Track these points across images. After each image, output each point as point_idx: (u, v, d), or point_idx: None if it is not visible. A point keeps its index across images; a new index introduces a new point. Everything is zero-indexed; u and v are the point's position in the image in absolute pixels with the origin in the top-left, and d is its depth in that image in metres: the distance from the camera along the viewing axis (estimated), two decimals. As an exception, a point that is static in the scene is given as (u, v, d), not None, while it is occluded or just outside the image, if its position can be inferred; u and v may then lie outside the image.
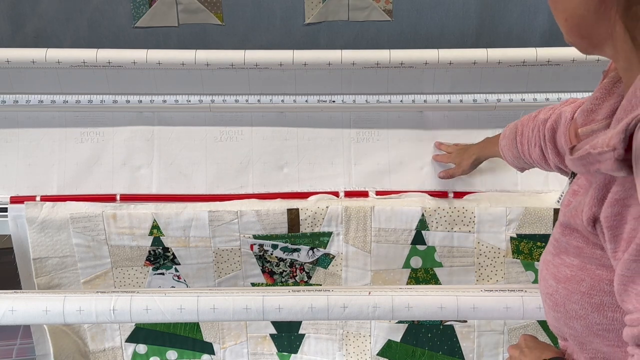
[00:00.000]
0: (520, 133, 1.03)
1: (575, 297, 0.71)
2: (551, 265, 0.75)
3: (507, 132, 1.10)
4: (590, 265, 0.69)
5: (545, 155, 0.95)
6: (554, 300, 0.74)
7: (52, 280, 1.43)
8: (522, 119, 1.04)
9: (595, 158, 0.60)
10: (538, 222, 1.39)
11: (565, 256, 0.73)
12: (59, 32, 1.46)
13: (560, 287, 0.73)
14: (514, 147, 1.05)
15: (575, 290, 0.70)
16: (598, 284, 0.68)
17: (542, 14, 1.47)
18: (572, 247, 0.71)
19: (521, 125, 1.04)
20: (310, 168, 1.47)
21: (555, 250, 0.75)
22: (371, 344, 1.51)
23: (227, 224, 1.39)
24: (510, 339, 1.48)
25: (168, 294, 1.07)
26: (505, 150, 1.10)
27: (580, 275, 0.70)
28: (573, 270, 0.71)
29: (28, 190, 1.44)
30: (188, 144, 1.46)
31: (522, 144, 1.02)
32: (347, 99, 1.42)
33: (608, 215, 0.63)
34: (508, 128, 1.10)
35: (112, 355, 1.53)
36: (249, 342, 1.54)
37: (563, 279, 0.72)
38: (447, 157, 1.42)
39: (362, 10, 1.47)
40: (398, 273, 1.45)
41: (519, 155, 1.05)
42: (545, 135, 0.92)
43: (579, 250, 0.70)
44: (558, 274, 0.73)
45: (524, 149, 1.02)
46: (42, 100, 1.40)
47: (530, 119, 1.00)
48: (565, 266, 0.72)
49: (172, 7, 1.45)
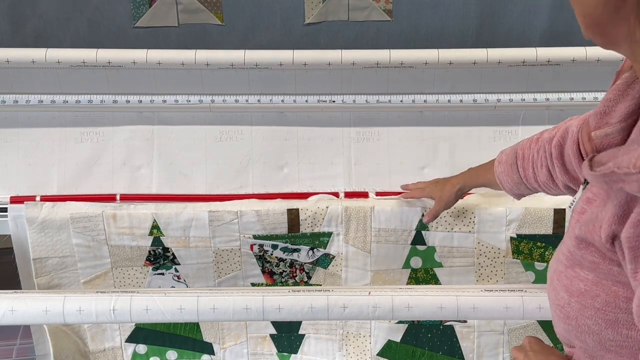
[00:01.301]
0: (522, 157, 0.99)
1: (589, 312, 0.68)
2: (564, 277, 0.73)
3: (503, 158, 1.06)
4: (606, 281, 0.67)
5: (552, 176, 0.92)
6: (565, 313, 0.72)
7: (52, 280, 1.43)
8: (520, 144, 1.01)
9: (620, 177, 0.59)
10: (538, 222, 1.39)
11: (580, 269, 0.70)
12: (59, 32, 1.46)
13: (573, 301, 0.70)
14: (514, 173, 1.02)
15: (589, 305, 0.68)
16: (614, 300, 0.66)
17: (542, 13, 1.47)
18: (587, 262, 0.69)
19: (521, 149, 1.00)
20: (310, 168, 1.47)
21: (569, 262, 0.72)
22: (371, 344, 1.51)
23: (227, 224, 1.39)
24: (510, 339, 1.48)
25: (168, 294, 1.07)
26: (503, 177, 1.06)
27: (595, 290, 0.68)
28: (587, 284, 0.69)
29: (28, 190, 1.44)
30: (188, 144, 1.46)
31: (525, 168, 0.99)
32: (347, 99, 1.42)
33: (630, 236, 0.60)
34: (504, 154, 1.06)
35: (112, 355, 1.53)
36: (249, 342, 1.54)
37: (576, 292, 0.70)
38: (420, 192, 1.36)
39: (362, 10, 1.47)
40: (398, 273, 1.45)
41: (520, 181, 1.01)
42: (552, 153, 0.89)
43: (594, 265, 0.68)
44: (571, 287, 0.71)
45: (527, 173, 0.99)
46: (42, 100, 1.40)
47: (532, 141, 0.97)
48: (579, 280, 0.70)
49: (172, 7, 1.45)
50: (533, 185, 0.99)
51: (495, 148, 1.47)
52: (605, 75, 1.38)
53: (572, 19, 1.47)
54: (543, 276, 1.44)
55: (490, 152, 1.46)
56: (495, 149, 1.46)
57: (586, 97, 1.40)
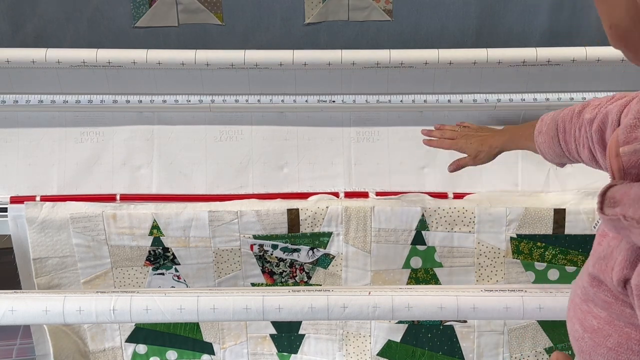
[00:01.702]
0: (563, 130, 0.92)
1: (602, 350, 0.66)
2: (579, 311, 0.71)
3: (543, 128, 0.98)
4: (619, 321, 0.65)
5: (595, 157, 0.86)
6: (579, 346, 0.71)
7: (52, 280, 1.43)
8: (562, 114, 0.93)
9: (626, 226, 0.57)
10: (538, 223, 1.39)
11: (593, 306, 0.68)
12: (59, 32, 1.46)
13: (587, 336, 0.69)
14: (556, 146, 0.94)
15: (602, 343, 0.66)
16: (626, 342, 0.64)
17: (542, 13, 1.47)
18: (600, 300, 0.67)
19: (562, 121, 0.93)
20: (310, 168, 1.47)
21: (583, 296, 0.70)
22: (371, 344, 1.51)
23: (227, 224, 1.39)
24: (510, 339, 1.48)
25: (168, 294, 1.07)
26: (545, 148, 0.98)
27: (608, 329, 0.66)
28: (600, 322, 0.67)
29: (28, 190, 1.44)
30: (188, 144, 1.46)
31: (567, 142, 0.92)
32: (347, 99, 1.42)
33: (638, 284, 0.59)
34: (544, 123, 0.98)
35: (112, 355, 1.53)
36: (249, 342, 1.54)
37: (590, 328, 0.68)
38: (450, 143, 1.21)
39: (362, 10, 1.47)
40: (398, 273, 1.45)
41: (563, 153, 0.94)
42: (593, 138, 0.83)
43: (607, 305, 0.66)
44: (585, 322, 0.69)
45: (569, 147, 0.92)
46: (42, 100, 1.40)
47: (574, 114, 0.89)
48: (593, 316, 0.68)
49: (172, 7, 1.45)
50: (576, 159, 0.92)
51: (495, 148, 1.47)
52: (606, 75, 1.38)
53: (572, 19, 1.48)
54: (543, 276, 1.44)
55: (490, 152, 1.46)
56: (495, 149, 1.47)
57: (586, 97, 1.40)
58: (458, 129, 1.22)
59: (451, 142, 1.20)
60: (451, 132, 1.21)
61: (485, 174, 1.46)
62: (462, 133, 1.20)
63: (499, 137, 1.15)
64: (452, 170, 1.22)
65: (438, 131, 1.24)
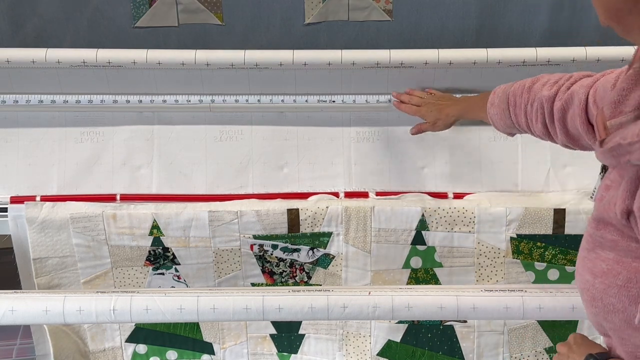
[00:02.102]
0: (514, 104, 1.00)
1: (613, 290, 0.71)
2: (587, 261, 0.75)
3: (495, 100, 1.05)
4: (626, 258, 0.69)
5: (550, 132, 0.94)
6: (591, 295, 0.75)
7: (52, 280, 1.43)
8: (512, 88, 1.01)
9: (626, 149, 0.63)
10: (538, 222, 1.39)
11: (601, 250, 0.73)
12: (59, 32, 1.46)
13: (597, 282, 0.73)
14: (507, 117, 1.02)
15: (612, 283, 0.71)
16: (635, 276, 0.68)
17: (542, 13, 1.47)
18: (607, 241, 0.71)
19: (513, 95, 1.00)
20: (310, 168, 1.47)
21: (590, 245, 0.75)
22: (371, 344, 1.51)
23: (227, 224, 1.39)
24: (510, 339, 1.48)
25: (168, 294, 1.07)
26: (496, 119, 1.06)
27: (617, 268, 0.70)
28: (609, 264, 0.71)
29: (28, 190, 1.44)
30: (188, 144, 1.46)
31: (517, 115, 0.99)
32: (347, 99, 1.42)
33: None
34: (496, 95, 1.06)
35: (112, 355, 1.53)
36: (249, 342, 1.54)
37: (599, 273, 0.72)
38: (414, 109, 1.31)
39: (362, 10, 1.47)
40: (398, 273, 1.45)
41: (513, 125, 1.02)
42: (555, 115, 0.90)
43: (614, 244, 0.70)
44: (594, 269, 0.74)
45: (519, 120, 0.99)
46: (42, 100, 1.40)
47: (524, 89, 0.97)
48: (601, 260, 0.72)
49: (172, 7, 1.45)
50: (525, 131, 1.00)
51: (496, 148, 1.47)
52: (605, 75, 1.38)
53: (572, 19, 1.48)
54: (543, 276, 1.44)
55: (490, 152, 1.47)
56: (495, 149, 1.47)
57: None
58: (425, 95, 1.33)
59: (415, 109, 1.31)
60: (418, 98, 1.32)
61: (485, 174, 1.46)
62: (426, 101, 1.31)
63: (454, 107, 1.25)
64: (413, 134, 1.34)
65: (407, 96, 1.35)
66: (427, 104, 1.30)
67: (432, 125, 1.28)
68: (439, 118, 1.27)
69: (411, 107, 1.32)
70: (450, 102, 1.28)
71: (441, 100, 1.30)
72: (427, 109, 1.29)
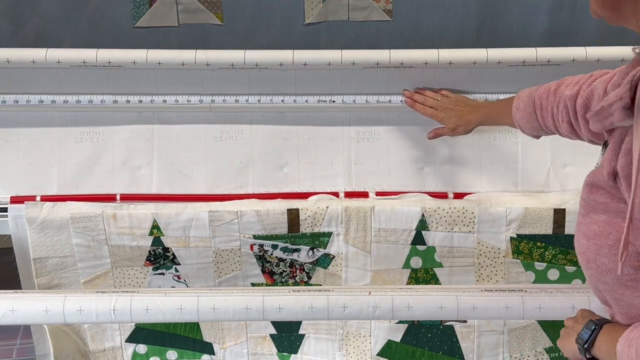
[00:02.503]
0: (540, 107, 1.01)
1: (604, 250, 0.75)
2: (582, 225, 0.80)
3: (521, 105, 1.06)
4: (616, 219, 0.73)
5: (575, 130, 0.95)
6: (586, 257, 0.79)
7: (52, 280, 1.43)
8: (538, 92, 1.02)
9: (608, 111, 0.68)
10: (538, 222, 1.39)
11: (594, 214, 0.77)
12: (59, 32, 1.46)
13: (591, 244, 0.78)
14: (534, 121, 1.03)
15: (604, 244, 0.75)
16: None
17: (542, 13, 1.47)
18: (598, 204, 0.76)
19: (539, 99, 1.02)
20: (310, 168, 1.47)
21: (584, 210, 0.80)
22: (371, 344, 1.51)
23: (227, 224, 1.39)
24: (510, 339, 1.48)
25: (168, 294, 1.07)
26: (523, 123, 1.07)
27: (608, 229, 0.75)
28: (601, 225, 0.76)
29: (28, 190, 1.43)
30: (188, 144, 1.46)
31: (544, 117, 1.01)
32: (347, 99, 1.42)
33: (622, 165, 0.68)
34: (521, 100, 1.07)
35: (112, 355, 1.53)
36: (249, 342, 1.54)
37: (592, 235, 0.77)
38: (431, 112, 1.31)
39: (362, 10, 1.47)
40: (398, 273, 1.45)
41: (540, 127, 1.03)
42: (578, 112, 0.92)
43: (605, 206, 0.75)
44: (588, 232, 0.78)
45: (546, 122, 1.01)
46: (42, 100, 1.40)
47: (550, 92, 0.99)
48: (594, 223, 0.77)
49: (172, 7, 1.45)
50: (554, 132, 1.02)
51: (495, 148, 1.47)
52: (605, 75, 1.38)
53: (572, 19, 1.48)
54: (543, 276, 1.44)
55: (490, 152, 1.47)
56: (495, 149, 1.47)
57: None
58: (439, 97, 1.32)
59: (432, 112, 1.30)
60: (433, 100, 1.31)
61: (485, 174, 1.46)
62: (442, 105, 1.30)
63: (476, 114, 1.25)
64: (430, 138, 1.35)
65: (420, 96, 1.34)
66: (445, 109, 1.29)
67: (451, 131, 1.29)
68: (459, 125, 1.26)
69: (427, 110, 1.32)
70: (469, 108, 1.27)
71: (459, 106, 1.29)
72: (446, 115, 1.28)
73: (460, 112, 1.27)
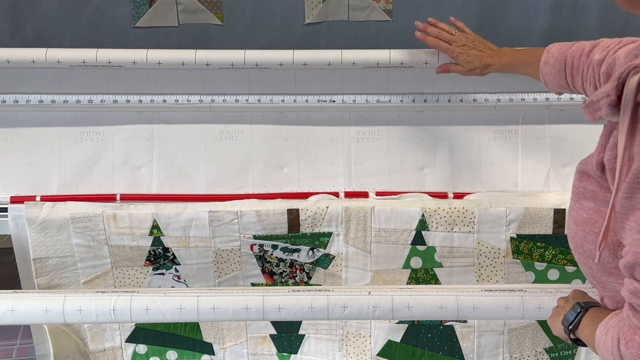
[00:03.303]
0: (571, 66, 0.98)
1: (590, 237, 0.78)
2: (572, 211, 0.83)
3: (550, 60, 1.02)
4: (604, 207, 0.75)
5: None
6: (574, 242, 0.82)
7: (52, 280, 1.43)
8: (571, 50, 0.98)
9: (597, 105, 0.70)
10: (538, 223, 1.39)
11: (584, 200, 0.79)
12: (59, 32, 1.46)
13: (579, 230, 0.80)
14: (562, 78, 1.00)
15: (590, 231, 0.78)
16: None
17: (542, 13, 1.47)
18: (588, 192, 0.78)
19: (571, 57, 0.98)
20: (310, 168, 1.47)
21: (576, 196, 0.82)
22: (371, 344, 1.51)
23: (227, 224, 1.39)
24: (510, 339, 1.48)
25: (168, 294, 1.07)
26: (549, 78, 1.03)
27: (595, 217, 0.77)
28: (589, 213, 0.78)
29: (28, 190, 1.44)
30: (188, 144, 1.46)
31: (574, 77, 0.98)
32: (347, 98, 1.42)
33: (609, 158, 0.70)
34: (551, 55, 1.03)
35: (112, 355, 1.53)
36: (248, 343, 1.54)
37: (581, 221, 0.80)
38: (446, 47, 1.21)
39: (362, 10, 1.47)
40: (398, 273, 1.45)
41: (567, 85, 1.00)
42: (601, 79, 0.89)
43: (593, 194, 0.77)
44: (577, 218, 0.81)
45: (575, 82, 0.98)
46: (42, 100, 1.40)
47: (584, 53, 0.95)
48: (583, 210, 0.79)
49: (172, 7, 1.45)
50: (579, 92, 0.99)
51: (495, 148, 1.47)
52: (605, 75, 1.38)
53: (572, 19, 1.48)
54: (543, 276, 1.44)
55: (490, 152, 1.47)
56: (495, 149, 1.47)
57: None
58: (455, 32, 1.21)
59: (447, 47, 1.20)
60: (448, 35, 1.21)
61: (485, 174, 1.46)
62: (460, 41, 1.19)
63: (497, 58, 1.16)
64: (438, 73, 1.26)
65: (434, 29, 1.23)
66: (463, 46, 1.19)
67: (466, 71, 1.20)
68: (476, 67, 1.18)
69: (441, 44, 1.21)
70: (491, 52, 1.19)
71: (480, 46, 1.20)
72: (464, 53, 1.19)
73: (480, 54, 1.18)
